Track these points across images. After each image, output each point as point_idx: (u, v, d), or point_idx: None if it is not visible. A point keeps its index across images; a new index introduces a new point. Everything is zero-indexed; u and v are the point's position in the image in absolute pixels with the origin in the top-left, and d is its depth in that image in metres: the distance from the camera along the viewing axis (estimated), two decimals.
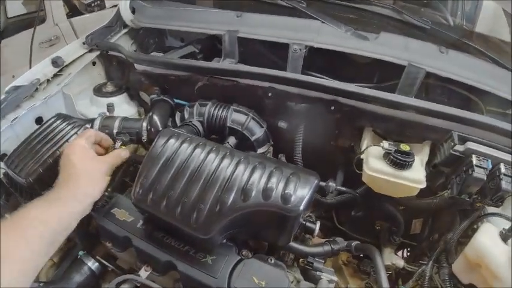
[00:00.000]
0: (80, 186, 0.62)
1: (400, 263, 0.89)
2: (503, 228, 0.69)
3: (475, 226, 0.76)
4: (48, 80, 1.07)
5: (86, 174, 0.63)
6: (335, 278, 0.66)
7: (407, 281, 0.81)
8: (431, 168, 0.78)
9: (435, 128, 0.74)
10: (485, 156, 0.69)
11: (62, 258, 0.85)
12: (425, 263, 0.81)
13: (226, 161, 0.62)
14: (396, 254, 0.96)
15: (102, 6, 3.01)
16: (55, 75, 1.10)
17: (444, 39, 0.93)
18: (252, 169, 0.60)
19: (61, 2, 2.69)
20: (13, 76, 2.51)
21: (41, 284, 0.71)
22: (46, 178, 0.77)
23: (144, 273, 0.63)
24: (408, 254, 1.05)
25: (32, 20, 2.81)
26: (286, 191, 0.56)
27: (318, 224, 0.74)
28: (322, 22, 0.86)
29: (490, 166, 0.68)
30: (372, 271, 0.95)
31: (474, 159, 0.67)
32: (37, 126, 0.95)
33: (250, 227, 0.61)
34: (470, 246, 0.69)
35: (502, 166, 0.68)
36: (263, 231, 0.63)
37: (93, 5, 2.92)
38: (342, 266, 1.01)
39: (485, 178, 0.67)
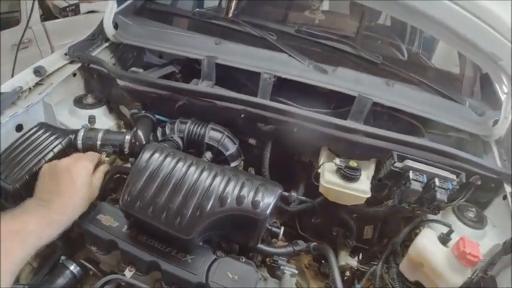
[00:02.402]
0: (75, 201, 0.71)
1: (353, 263, 1.04)
2: (441, 233, 0.85)
3: (417, 231, 0.92)
4: (30, 88, 1.12)
5: (82, 191, 0.72)
6: (296, 271, 0.80)
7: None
8: (377, 181, 0.96)
9: (379, 148, 0.91)
10: (420, 171, 0.86)
11: (41, 264, 0.90)
12: (376, 263, 0.98)
13: (205, 173, 0.74)
14: (350, 256, 1.12)
15: (76, 12, 3.01)
16: (37, 84, 1.15)
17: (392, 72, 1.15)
18: (228, 180, 0.73)
19: (36, 4, 2.64)
20: None
21: (26, 287, 0.77)
22: (32, 185, 0.83)
23: (128, 273, 0.72)
24: (362, 256, 1.22)
25: (4, 20, 2.75)
26: (255, 199, 0.69)
27: (282, 229, 0.88)
28: (289, 55, 1.03)
29: (425, 180, 0.85)
30: (330, 272, 1.11)
31: (411, 174, 0.84)
32: (17, 134, 1.01)
33: (225, 230, 0.73)
34: (412, 247, 0.85)
35: (436, 180, 0.84)
36: (236, 233, 0.75)
37: (67, 9, 2.91)
38: (304, 269, 1.15)
39: (420, 190, 0.83)
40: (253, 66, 1.02)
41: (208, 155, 0.94)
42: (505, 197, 0.95)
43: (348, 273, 1.05)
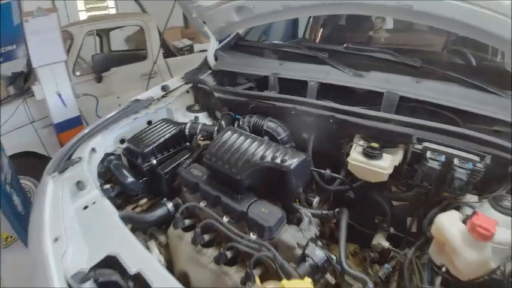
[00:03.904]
0: None
1: (385, 244, 1.18)
2: (466, 214, 0.92)
3: None
4: (158, 99, 1.77)
5: None
6: (313, 218, 1.04)
7: None
8: (407, 166, 1.12)
9: (402, 134, 1.09)
10: (439, 152, 1.00)
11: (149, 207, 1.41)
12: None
13: (255, 143, 1.11)
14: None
15: (191, 51, 4.04)
16: (163, 96, 1.80)
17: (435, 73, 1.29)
18: (268, 147, 1.08)
19: (159, 44, 3.63)
20: (118, 97, 3.38)
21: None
22: (156, 151, 1.39)
23: (202, 204, 1.13)
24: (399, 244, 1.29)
25: (133, 55, 3.86)
26: (284, 158, 1.02)
27: (317, 198, 1.15)
28: (333, 66, 1.34)
29: (443, 159, 0.99)
30: (369, 255, 1.25)
31: (428, 154, 1.00)
32: (147, 126, 1.61)
33: (264, 180, 1.07)
34: (433, 225, 0.94)
35: (455, 160, 0.97)
36: (272, 185, 1.08)
37: (184, 49, 3.98)
38: (349, 256, 1.32)
39: (438, 168, 0.97)
40: (304, 77, 1.38)
41: (265, 138, 1.31)
42: None
43: (372, 254, 1.19)
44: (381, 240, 1.19)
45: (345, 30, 2.40)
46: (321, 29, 2.83)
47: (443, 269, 0.96)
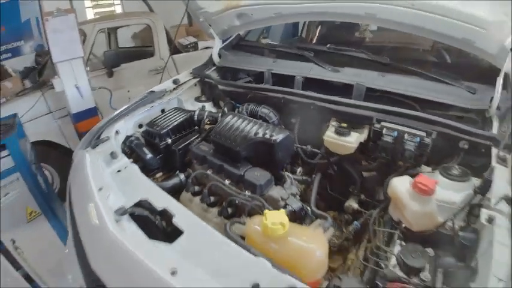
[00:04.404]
0: None
1: (355, 205, 1.49)
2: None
3: None
4: (170, 91, 2.09)
5: None
6: (294, 181, 1.36)
7: None
8: (371, 142, 1.43)
9: (366, 117, 1.40)
10: (392, 129, 1.31)
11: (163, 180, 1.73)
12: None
13: (250, 124, 1.44)
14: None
15: (195, 48, 4.36)
16: (174, 89, 2.11)
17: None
18: (260, 126, 1.40)
19: (165, 42, 3.96)
20: (128, 91, 3.68)
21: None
22: (170, 133, 1.70)
23: (209, 172, 1.45)
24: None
25: (140, 52, 4.17)
26: (272, 133, 1.34)
27: (300, 168, 1.47)
28: (315, 63, 1.66)
29: (396, 135, 1.30)
30: (344, 217, 1.56)
31: (384, 130, 1.32)
32: (161, 113, 1.93)
33: (257, 152, 1.39)
34: (389, 187, 1.17)
35: (406, 135, 1.28)
36: (264, 156, 1.39)
37: (189, 46, 4.29)
38: None
39: (391, 141, 1.29)
40: (292, 72, 1.71)
41: (259, 121, 1.63)
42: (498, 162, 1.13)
43: (346, 216, 1.49)
44: (351, 203, 1.49)
45: (336, 31, 2.72)
46: (317, 29, 3.15)
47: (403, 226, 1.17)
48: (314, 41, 2.96)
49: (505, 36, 1.30)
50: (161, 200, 1.11)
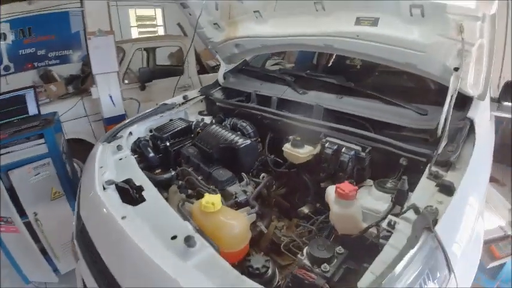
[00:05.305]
0: None
1: (306, 211, 1.74)
2: None
3: None
4: (179, 104, 2.55)
5: None
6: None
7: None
8: (322, 155, 1.74)
9: (316, 131, 1.72)
10: (333, 143, 1.61)
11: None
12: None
13: (224, 132, 1.83)
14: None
15: None
16: (183, 103, 2.58)
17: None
18: (232, 135, 1.79)
19: (194, 62, 4.55)
20: (156, 104, 4.30)
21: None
22: (170, 137, 2.14)
23: (190, 169, 1.85)
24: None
25: (172, 70, 4.74)
26: (239, 140, 1.72)
27: (263, 174, 1.82)
28: (289, 87, 2.04)
29: (335, 147, 1.59)
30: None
31: (327, 144, 1.63)
32: (169, 121, 2.39)
33: (227, 155, 1.76)
34: (325, 194, 1.39)
35: (343, 148, 1.57)
36: (233, 160, 1.76)
37: (215, 68, 4.86)
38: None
39: (330, 153, 1.59)
40: (270, 93, 2.10)
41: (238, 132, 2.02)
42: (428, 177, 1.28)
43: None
44: (304, 209, 1.77)
45: (336, 59, 3.09)
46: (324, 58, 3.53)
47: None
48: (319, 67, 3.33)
49: (445, 56, 1.47)
50: (140, 180, 1.52)
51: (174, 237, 1.11)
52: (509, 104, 1.87)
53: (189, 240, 1.04)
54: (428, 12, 1.43)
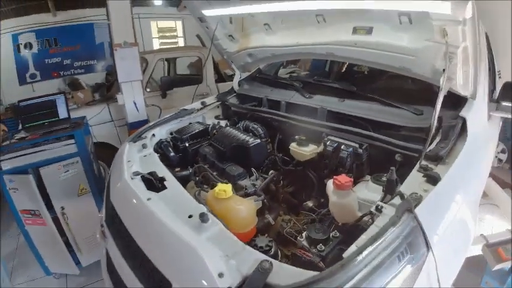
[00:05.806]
0: None
1: (310, 204, 1.91)
2: None
3: None
4: (198, 109, 2.81)
5: None
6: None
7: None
8: (325, 152, 1.92)
9: (318, 131, 1.91)
10: (334, 141, 1.80)
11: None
12: None
13: (237, 132, 2.06)
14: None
15: None
16: (201, 108, 2.83)
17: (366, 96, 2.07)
18: (244, 136, 2.01)
19: (212, 72, 4.86)
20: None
21: None
22: (189, 139, 2.38)
23: (206, 166, 2.08)
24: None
25: (192, 79, 5.06)
26: (250, 140, 1.94)
27: (272, 171, 2.02)
28: (297, 92, 2.25)
29: (335, 145, 1.78)
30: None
31: (328, 142, 1.82)
32: (188, 125, 2.65)
33: (239, 153, 1.98)
34: (326, 187, 1.54)
35: (342, 146, 1.77)
36: (244, 157, 1.98)
37: (232, 76, 5.03)
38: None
39: (331, 150, 1.78)
40: (279, 98, 2.32)
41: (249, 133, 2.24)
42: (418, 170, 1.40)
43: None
44: (309, 203, 1.95)
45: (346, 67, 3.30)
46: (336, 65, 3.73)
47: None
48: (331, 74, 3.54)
49: (434, 59, 1.60)
50: (163, 173, 1.76)
51: (190, 216, 1.33)
52: (509, 104, 1.97)
53: (203, 216, 1.26)
54: (415, 19, 1.60)
